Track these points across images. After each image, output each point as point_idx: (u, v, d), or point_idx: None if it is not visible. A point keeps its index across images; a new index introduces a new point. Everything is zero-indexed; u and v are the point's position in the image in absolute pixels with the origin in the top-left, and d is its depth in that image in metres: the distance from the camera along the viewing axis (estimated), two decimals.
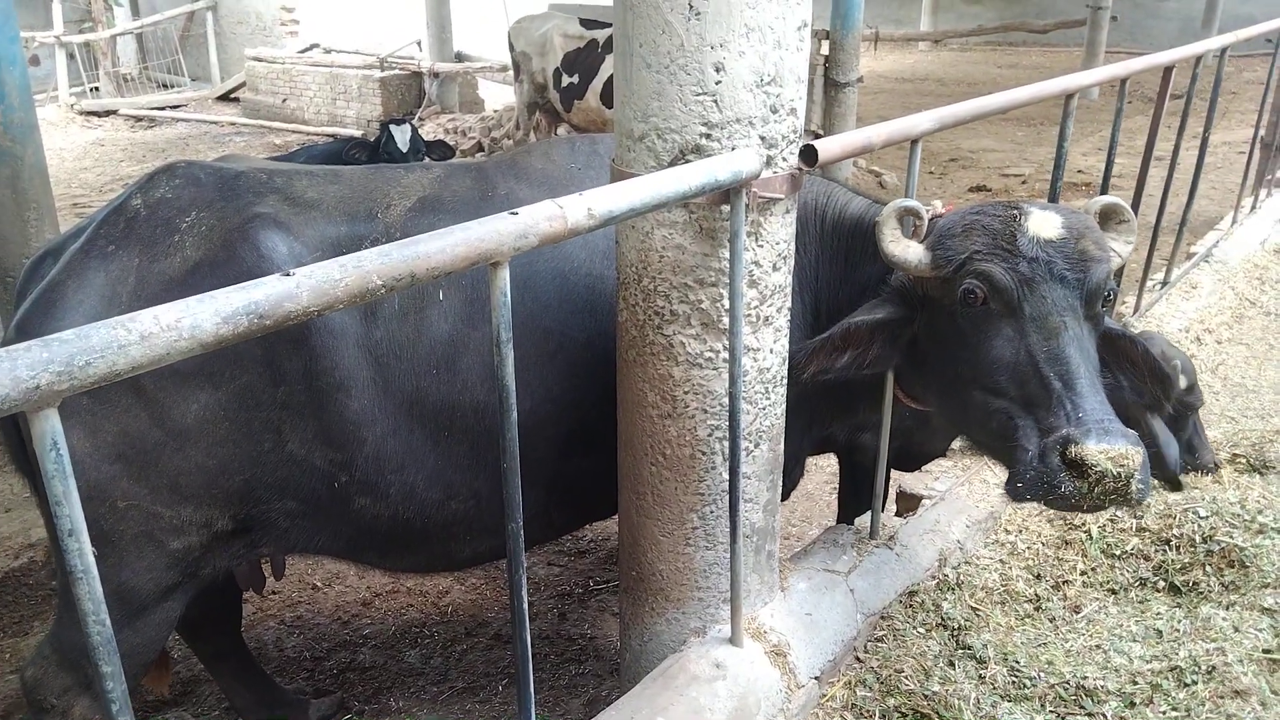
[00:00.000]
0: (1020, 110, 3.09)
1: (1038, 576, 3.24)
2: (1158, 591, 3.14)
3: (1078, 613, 3.10)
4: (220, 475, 2.58)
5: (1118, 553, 3.27)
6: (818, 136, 5.30)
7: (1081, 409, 2.29)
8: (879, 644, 2.92)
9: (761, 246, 2.39)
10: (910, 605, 3.04)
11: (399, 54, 15.42)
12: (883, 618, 2.98)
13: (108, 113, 16.73)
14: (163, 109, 17.02)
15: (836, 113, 10.67)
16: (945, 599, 3.08)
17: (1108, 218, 2.64)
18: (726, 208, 2.25)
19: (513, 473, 1.85)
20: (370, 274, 1.47)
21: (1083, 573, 3.24)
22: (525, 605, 1.95)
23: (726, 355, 2.41)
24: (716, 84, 2.21)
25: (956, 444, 3.94)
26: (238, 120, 16.05)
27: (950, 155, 13.04)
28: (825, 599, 2.88)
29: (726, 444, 2.51)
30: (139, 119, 16.51)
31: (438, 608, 4.49)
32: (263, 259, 2.53)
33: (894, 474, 4.00)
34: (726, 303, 2.38)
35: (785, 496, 3.49)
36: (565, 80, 10.64)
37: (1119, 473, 2.20)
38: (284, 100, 15.85)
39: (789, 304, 2.57)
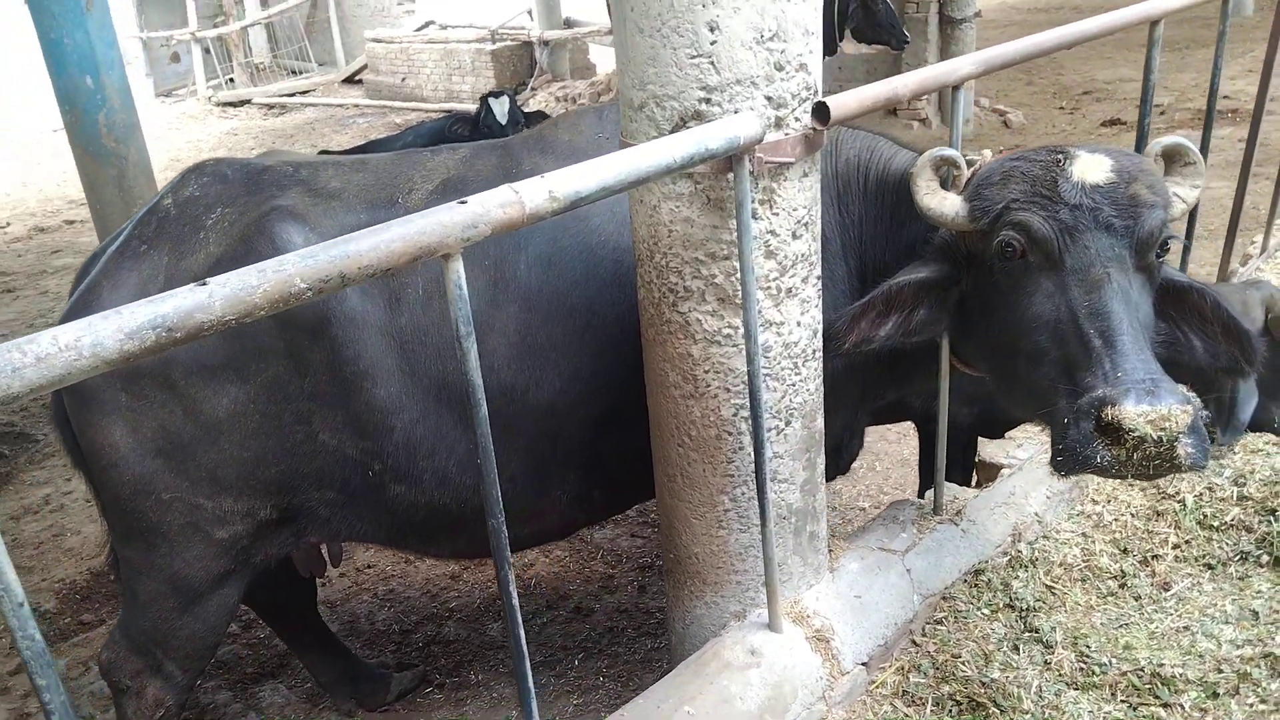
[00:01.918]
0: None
1: (1124, 551, 2.99)
2: (1260, 567, 2.86)
3: (1167, 590, 2.85)
4: (256, 467, 2.64)
5: (1216, 524, 2.99)
6: None
7: (1121, 368, 2.07)
8: (938, 627, 2.76)
9: (777, 215, 2.25)
10: (975, 585, 2.85)
11: (509, 25, 15.52)
12: (944, 599, 2.81)
13: (242, 102, 17.48)
14: (292, 95, 17.66)
15: (952, 51, 10.14)
16: (1016, 577, 2.88)
17: (1171, 160, 2.38)
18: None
19: (489, 469, 1.79)
20: (292, 277, 1.43)
21: (1175, 546, 2.97)
22: (516, 602, 1.90)
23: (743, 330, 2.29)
24: (712, 44, 2.07)
25: None
26: (361, 102, 16.51)
27: (1084, 87, 12.24)
28: (878, 580, 2.74)
29: (749, 422, 2.39)
30: (271, 106, 17.19)
31: (522, 580, 4.52)
32: (278, 251, 2.51)
33: (979, 441, 3.79)
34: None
35: (844, 469, 3.35)
36: None
37: (1160, 436, 1.98)
38: (403, 79, 16.20)
39: (817, 273, 2.42)
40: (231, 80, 18.41)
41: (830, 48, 10.05)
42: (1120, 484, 3.24)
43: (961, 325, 2.55)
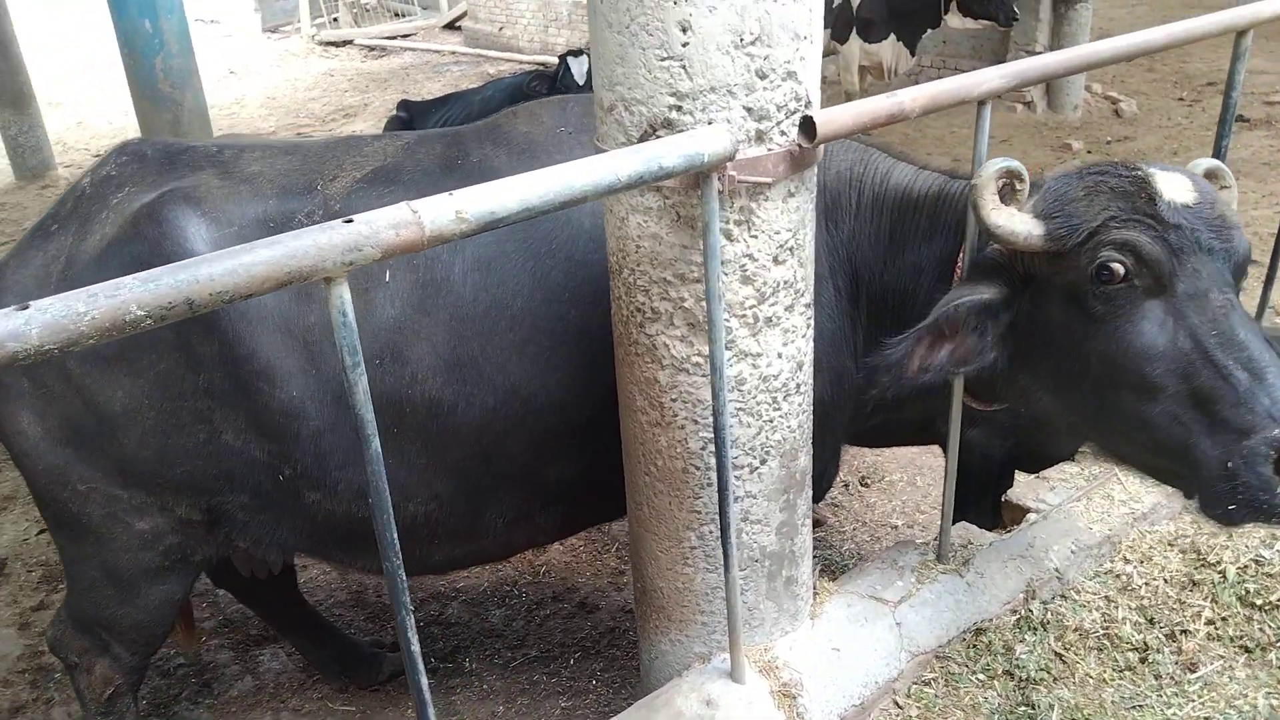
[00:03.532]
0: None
1: (1151, 621, 2.70)
2: None
3: (1193, 672, 2.56)
4: (160, 465, 2.51)
5: (1259, 602, 2.67)
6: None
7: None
8: (925, 689, 2.52)
9: (756, 237, 2.01)
10: (974, 645, 2.60)
11: None
12: (937, 657, 2.57)
13: (344, 43, 17.58)
14: (393, 38, 17.68)
15: (1065, 33, 9.51)
16: (1022, 640, 2.62)
17: (1212, 180, 2.09)
18: None
19: (381, 508, 1.65)
20: (127, 304, 1.28)
21: (1209, 622, 2.67)
22: (417, 647, 1.75)
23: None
24: (684, 46, 1.84)
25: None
26: (458, 49, 16.44)
27: (1209, 78, 11.37)
28: (861, 632, 2.51)
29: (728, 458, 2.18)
30: (371, 48, 17.25)
31: (532, 566, 4.41)
32: (166, 237, 2.39)
33: (1017, 476, 3.50)
34: None
35: (820, 498, 3.09)
36: None
37: None
38: (500, 28, 16.06)
39: (806, 301, 2.18)
40: (335, 19, 18.53)
41: (934, 20, 9.53)
42: (1159, 543, 2.93)
43: (1016, 354, 2.28)
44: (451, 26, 18.16)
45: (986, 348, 2.27)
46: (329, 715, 3.66)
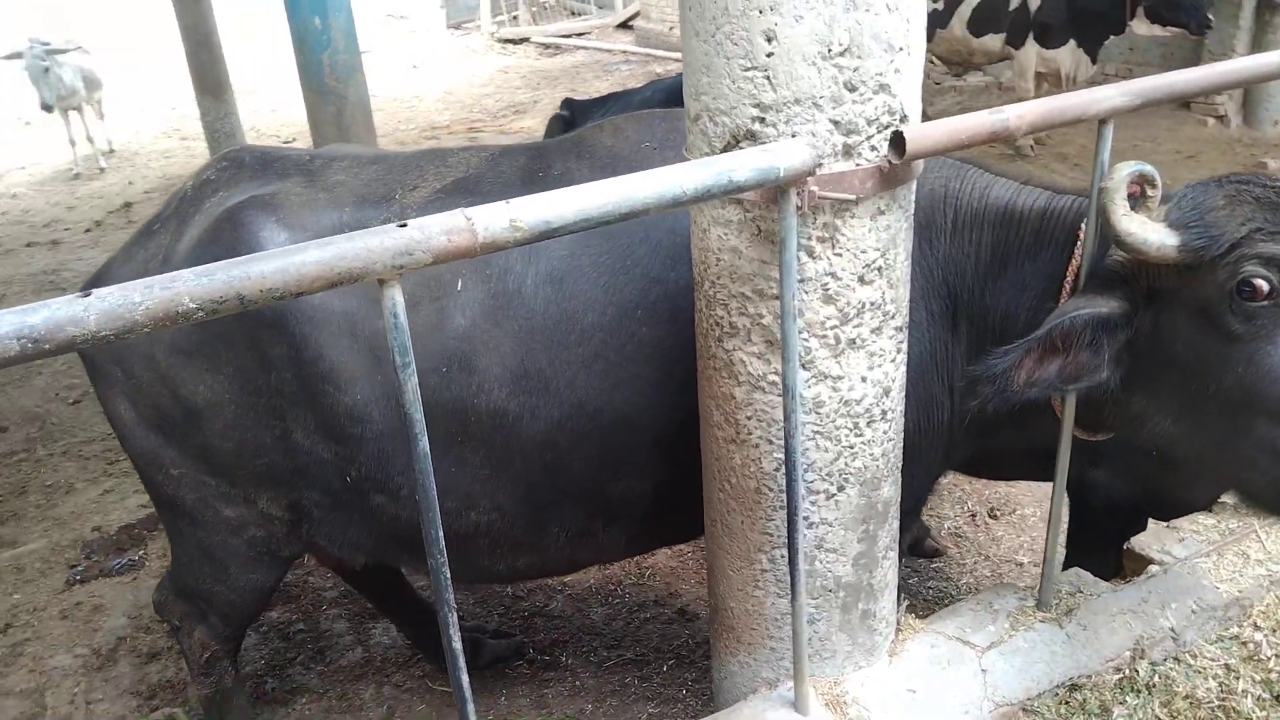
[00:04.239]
0: None
1: (1277, 699, 2.45)
2: None
3: None
4: (240, 457, 2.59)
5: None
6: None
7: None
8: None
9: (840, 255, 1.94)
10: (1067, 702, 2.43)
11: None
12: (1025, 711, 2.41)
13: (521, 40, 18.08)
14: (568, 36, 18.06)
15: (1267, 43, 8.77)
16: (1122, 702, 2.43)
17: None
18: None
19: (428, 506, 1.66)
20: (180, 296, 1.34)
21: None
22: (459, 644, 1.77)
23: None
24: (768, 56, 1.79)
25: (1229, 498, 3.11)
26: (629, 49, 16.63)
27: None
28: (943, 675, 2.38)
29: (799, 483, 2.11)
30: (546, 46, 17.68)
31: (639, 567, 4.41)
32: (241, 241, 2.45)
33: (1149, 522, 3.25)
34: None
35: (904, 533, 2.94)
36: (929, 5, 9.70)
37: None
38: (670, 28, 16.13)
39: (897, 324, 2.08)
40: (515, 17, 19.07)
41: (1118, 26, 8.99)
42: None
43: (1131, 375, 2.13)
44: (625, 26, 18.40)
45: (1100, 365, 2.11)
46: (427, 694, 3.76)
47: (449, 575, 1.72)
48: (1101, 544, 3.11)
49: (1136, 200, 2.03)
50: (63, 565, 4.54)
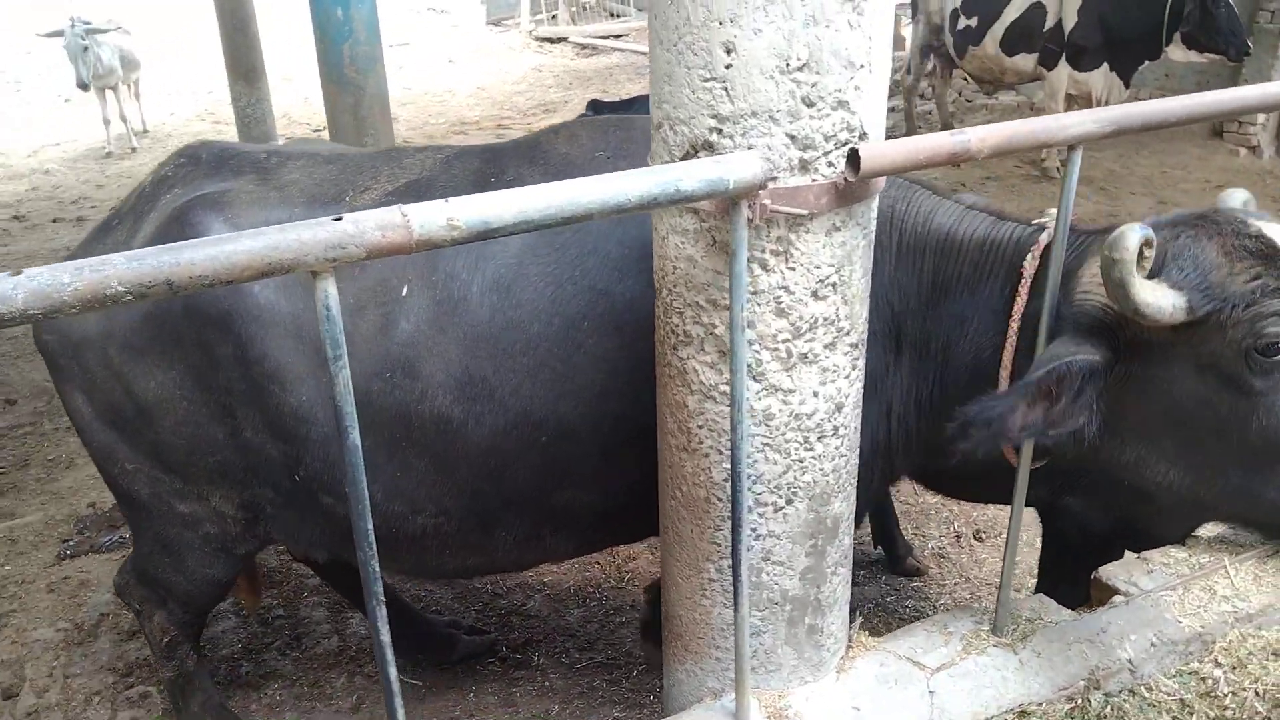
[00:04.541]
0: None
1: None
2: None
3: None
4: (192, 454, 2.61)
5: None
6: None
7: None
8: None
9: (794, 269, 1.94)
10: None
11: None
12: None
13: (559, 39, 18.16)
14: (605, 38, 18.12)
15: None
16: None
17: None
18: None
19: (358, 498, 1.69)
20: (109, 279, 1.36)
21: None
22: (387, 638, 1.79)
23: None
24: (727, 68, 1.79)
25: (1209, 530, 3.08)
26: None
27: None
28: (889, 695, 2.38)
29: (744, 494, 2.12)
30: (583, 47, 17.74)
31: (620, 571, 4.42)
32: (188, 237, 2.46)
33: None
34: (747, 331, 1.98)
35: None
36: (963, 22, 9.65)
37: None
38: None
39: (851, 341, 2.08)
40: (554, 16, 19.15)
41: (1154, 51, 8.90)
42: (1259, 650, 2.63)
43: (1112, 421, 2.17)
44: None
45: (1081, 412, 2.12)
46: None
47: (378, 570, 1.74)
48: (1074, 572, 3.09)
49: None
50: (55, 539, 4.61)
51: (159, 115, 13.50)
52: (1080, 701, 2.49)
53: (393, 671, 1.81)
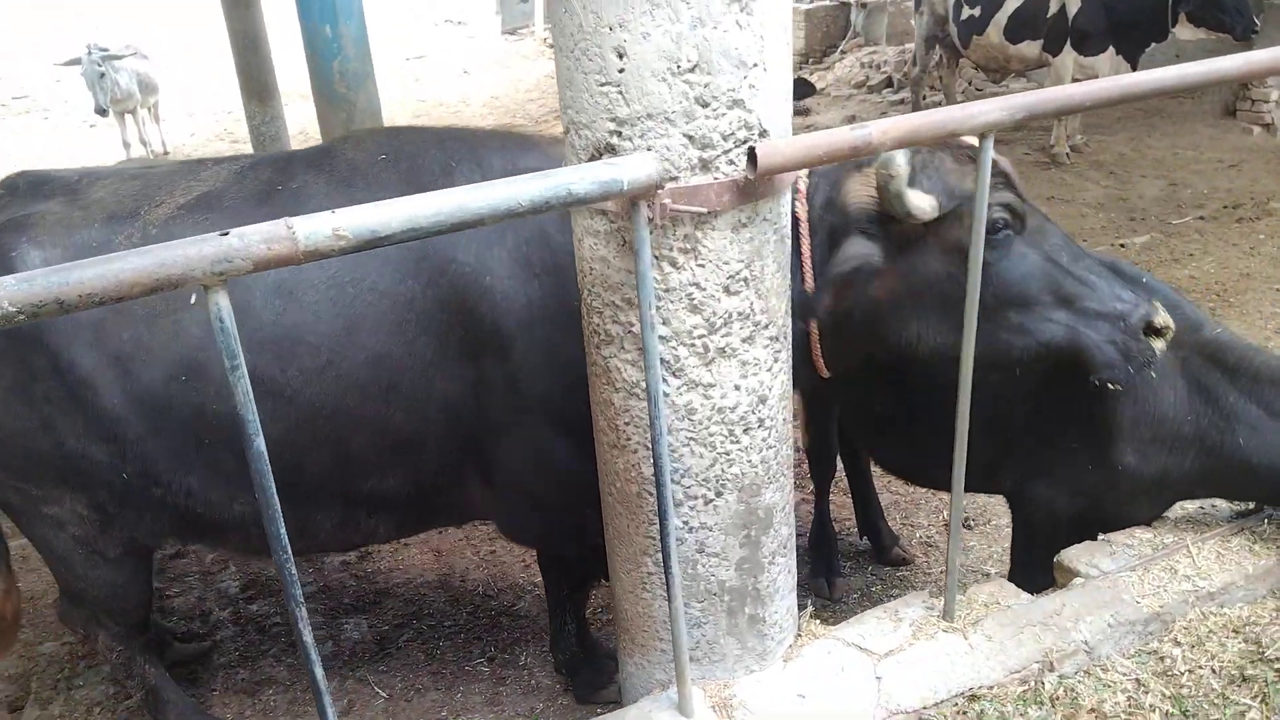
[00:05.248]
0: None
1: (1185, 714, 2.43)
2: None
3: None
4: (28, 465, 2.71)
5: None
6: None
7: (1126, 291, 2.49)
8: None
9: (703, 266, 1.98)
10: (965, 712, 2.43)
11: None
12: (920, 719, 2.42)
13: None
14: None
15: None
16: (1024, 713, 2.42)
17: None
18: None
19: (270, 504, 1.75)
20: (1, 300, 1.44)
21: None
22: (310, 638, 1.86)
23: (664, 388, 2.06)
24: (620, 72, 1.84)
25: (1177, 510, 3.08)
26: None
27: None
28: (836, 682, 2.40)
29: (674, 486, 2.16)
30: None
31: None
32: None
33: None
34: (662, 328, 2.03)
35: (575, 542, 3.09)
36: (966, 12, 9.59)
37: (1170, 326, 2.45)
38: None
39: (771, 334, 2.12)
40: None
41: (1160, 33, 8.79)
42: (1218, 629, 2.62)
43: (894, 308, 2.54)
44: None
45: (870, 299, 2.51)
46: (387, 688, 3.87)
47: (294, 572, 1.80)
48: (1043, 557, 3.09)
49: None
50: None
51: (179, 137, 13.76)
52: (1034, 684, 2.50)
53: (319, 670, 1.87)
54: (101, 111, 11.18)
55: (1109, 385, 2.52)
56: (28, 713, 3.77)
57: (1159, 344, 2.46)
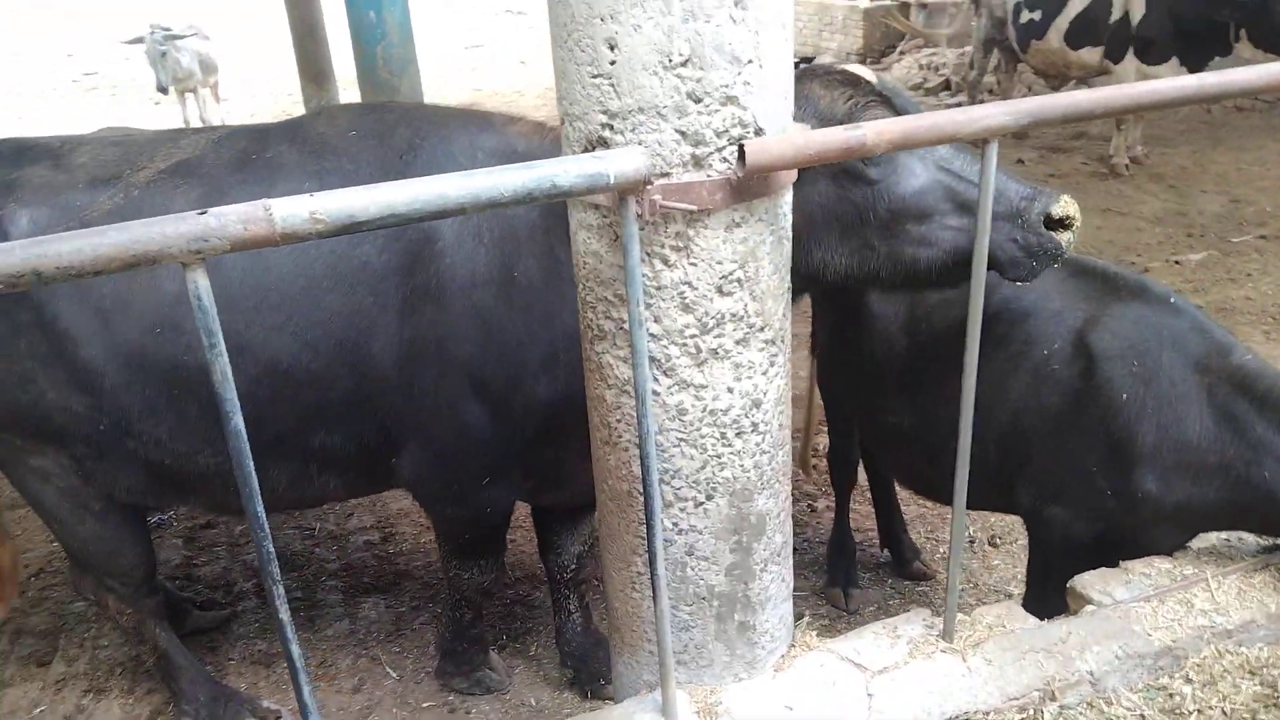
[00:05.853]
0: None
1: None
2: None
3: None
4: (12, 418, 2.78)
5: None
6: None
7: (1021, 186, 2.48)
8: None
9: (695, 265, 1.93)
10: None
11: None
12: None
13: None
14: None
15: None
16: None
17: None
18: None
19: (247, 482, 1.75)
20: None
21: None
22: (286, 616, 1.85)
23: (655, 387, 2.03)
24: (611, 64, 1.80)
25: (1200, 542, 2.96)
26: None
27: None
28: (825, 695, 2.35)
29: (663, 488, 2.12)
30: None
31: None
32: None
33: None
34: (653, 326, 1.99)
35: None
36: (1026, 16, 9.37)
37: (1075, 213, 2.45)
38: None
39: (766, 338, 2.06)
40: None
41: (1223, 47, 8.51)
42: (1233, 668, 2.51)
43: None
44: None
45: None
46: (398, 668, 3.88)
47: (273, 550, 1.79)
48: (1060, 582, 3.00)
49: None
50: None
51: (240, 116, 13.96)
52: (1033, 713, 2.41)
53: (295, 649, 1.86)
54: (162, 89, 11.40)
55: (1018, 283, 2.52)
56: (54, 668, 3.86)
57: (1065, 236, 2.42)
